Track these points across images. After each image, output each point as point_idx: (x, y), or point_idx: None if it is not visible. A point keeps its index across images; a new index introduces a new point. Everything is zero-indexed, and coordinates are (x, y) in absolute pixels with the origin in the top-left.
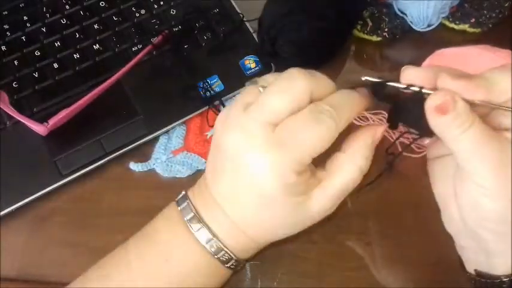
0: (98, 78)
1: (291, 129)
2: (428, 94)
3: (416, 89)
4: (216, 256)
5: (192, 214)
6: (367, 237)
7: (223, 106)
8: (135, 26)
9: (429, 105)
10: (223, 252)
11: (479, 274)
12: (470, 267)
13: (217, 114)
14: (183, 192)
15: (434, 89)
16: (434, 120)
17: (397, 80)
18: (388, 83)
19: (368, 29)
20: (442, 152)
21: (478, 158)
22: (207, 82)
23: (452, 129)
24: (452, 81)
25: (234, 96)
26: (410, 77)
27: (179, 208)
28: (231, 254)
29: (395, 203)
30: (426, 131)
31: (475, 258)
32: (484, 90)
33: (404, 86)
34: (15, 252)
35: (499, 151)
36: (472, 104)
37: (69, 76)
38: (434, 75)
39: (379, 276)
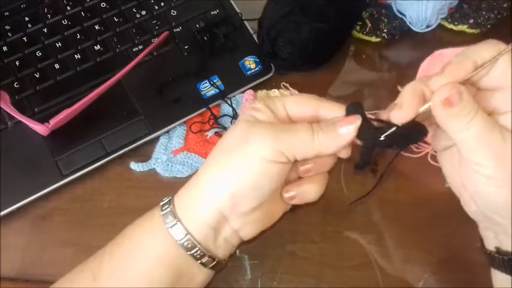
0: (98, 78)
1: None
2: None
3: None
4: (188, 253)
5: (169, 209)
6: (367, 237)
7: (230, 107)
8: (135, 27)
9: (436, 100)
10: (196, 248)
11: (499, 251)
12: (491, 246)
13: (216, 116)
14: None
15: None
16: (441, 113)
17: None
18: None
19: (367, 30)
20: (447, 143)
21: (482, 148)
22: (207, 82)
23: (458, 120)
24: (442, 75)
25: (234, 96)
26: (399, 117)
27: (160, 205)
28: (199, 247)
29: (395, 203)
30: (403, 144)
31: (495, 238)
32: (470, 62)
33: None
34: (16, 252)
35: (501, 141)
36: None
37: (70, 76)
38: (415, 97)
39: (379, 275)
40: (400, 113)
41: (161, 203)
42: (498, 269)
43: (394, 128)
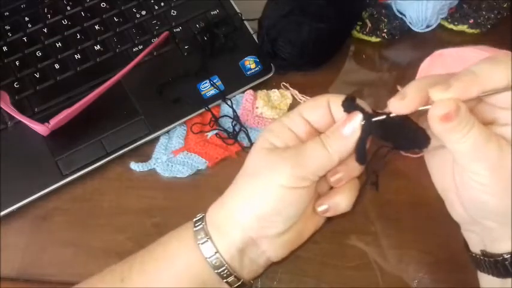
0: (98, 78)
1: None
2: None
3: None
4: (216, 271)
5: (201, 226)
6: (367, 237)
7: (230, 107)
8: (135, 27)
9: (434, 115)
10: (224, 267)
11: (484, 254)
12: (476, 248)
13: (216, 116)
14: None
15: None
16: (437, 126)
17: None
18: (390, 116)
19: (367, 30)
20: (436, 144)
21: (478, 158)
22: (208, 82)
23: (455, 133)
24: (445, 91)
25: (234, 96)
26: (397, 106)
27: (194, 221)
28: (227, 266)
29: (395, 203)
30: (401, 145)
31: (481, 241)
32: (478, 84)
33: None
34: (16, 252)
35: (497, 151)
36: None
37: (70, 76)
38: (419, 94)
39: (379, 275)
40: (400, 103)
41: (194, 219)
42: (484, 271)
43: (384, 116)
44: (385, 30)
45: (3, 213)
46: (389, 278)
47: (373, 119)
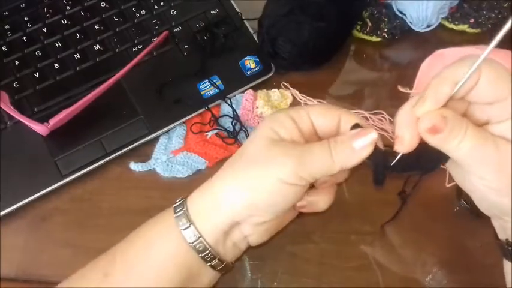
0: (98, 78)
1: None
2: None
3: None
4: (200, 255)
5: (182, 212)
6: (367, 237)
7: (230, 106)
8: (135, 27)
9: (422, 129)
10: (207, 251)
11: (508, 244)
12: (503, 236)
13: (216, 115)
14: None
15: None
16: (431, 140)
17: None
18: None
19: (367, 29)
20: None
21: (479, 161)
22: (208, 82)
23: (449, 141)
24: (424, 103)
25: (234, 96)
26: (402, 149)
27: (173, 206)
28: (211, 249)
29: (395, 203)
30: (426, 169)
31: (505, 232)
32: (447, 80)
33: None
34: (15, 252)
35: (495, 151)
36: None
37: (70, 76)
38: (414, 130)
39: (379, 276)
40: (403, 145)
41: (174, 205)
42: (509, 259)
43: (400, 154)
44: (386, 30)
45: (2, 213)
46: (389, 279)
47: (392, 164)
